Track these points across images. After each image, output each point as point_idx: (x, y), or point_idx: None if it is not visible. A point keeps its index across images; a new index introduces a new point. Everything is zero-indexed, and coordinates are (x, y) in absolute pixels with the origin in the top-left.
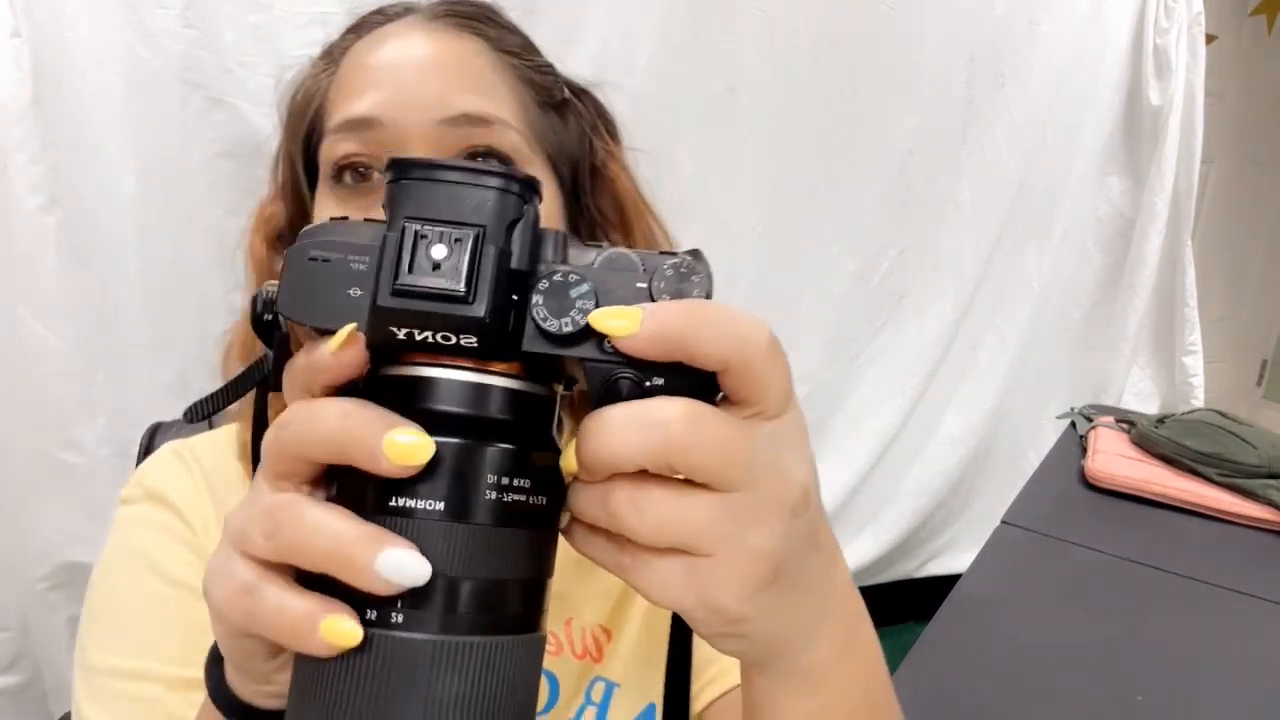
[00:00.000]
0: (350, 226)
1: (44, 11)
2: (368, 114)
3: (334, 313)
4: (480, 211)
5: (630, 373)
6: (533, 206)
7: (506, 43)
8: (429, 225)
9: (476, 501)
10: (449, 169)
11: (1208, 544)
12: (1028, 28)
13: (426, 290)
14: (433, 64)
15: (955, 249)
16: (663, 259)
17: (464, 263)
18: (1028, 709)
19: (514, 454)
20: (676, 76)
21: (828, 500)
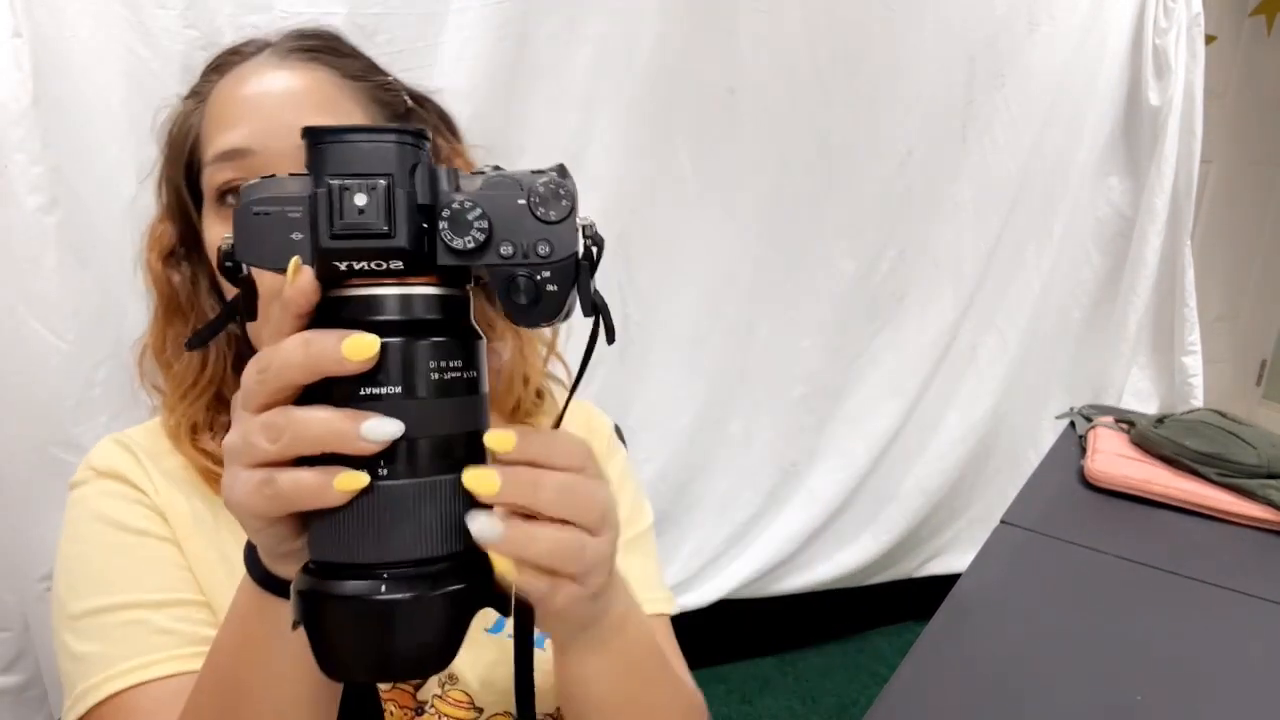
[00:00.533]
0: (279, 182)
1: (44, 11)
2: (240, 145)
3: (281, 254)
4: (387, 162)
5: (525, 270)
6: (425, 152)
7: (351, 69)
8: (349, 179)
9: (423, 381)
10: (356, 131)
11: (1207, 544)
12: (1028, 28)
13: (357, 231)
14: (291, 95)
15: (955, 249)
16: (535, 177)
17: (381, 205)
18: (1027, 708)
19: (446, 343)
20: (676, 76)
21: (828, 500)
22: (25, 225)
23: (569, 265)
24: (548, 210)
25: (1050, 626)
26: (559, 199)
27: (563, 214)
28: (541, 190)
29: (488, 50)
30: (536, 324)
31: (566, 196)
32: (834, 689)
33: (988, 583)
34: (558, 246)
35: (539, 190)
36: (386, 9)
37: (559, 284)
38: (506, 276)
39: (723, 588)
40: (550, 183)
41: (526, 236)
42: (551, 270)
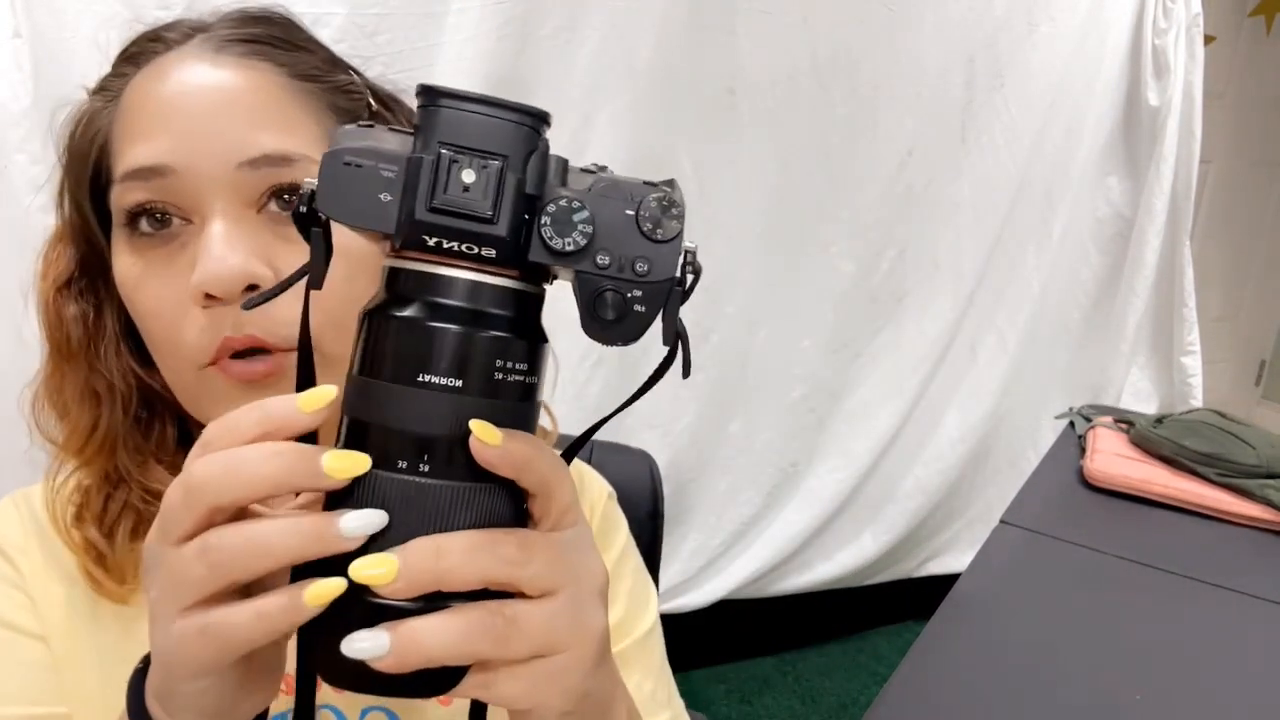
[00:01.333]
0: (377, 133)
1: (44, 11)
2: (157, 162)
3: (366, 214)
4: (504, 142)
5: (614, 285)
6: (544, 138)
7: (303, 66)
8: (460, 152)
9: (483, 378)
10: (478, 101)
11: (1206, 544)
12: (1027, 28)
13: (458, 209)
14: (224, 101)
15: (955, 249)
16: (647, 190)
17: (490, 188)
18: (1027, 708)
19: (514, 341)
20: (676, 76)
21: (828, 500)
22: (25, 225)
23: (663, 288)
24: (655, 228)
25: (1050, 626)
26: (669, 219)
27: (669, 234)
28: (653, 206)
29: (488, 50)
30: (613, 342)
31: (677, 216)
32: (834, 689)
33: (987, 583)
34: (656, 267)
35: (650, 205)
36: (386, 9)
37: (647, 306)
38: (596, 288)
39: (723, 588)
40: (663, 200)
41: (627, 250)
42: (644, 290)
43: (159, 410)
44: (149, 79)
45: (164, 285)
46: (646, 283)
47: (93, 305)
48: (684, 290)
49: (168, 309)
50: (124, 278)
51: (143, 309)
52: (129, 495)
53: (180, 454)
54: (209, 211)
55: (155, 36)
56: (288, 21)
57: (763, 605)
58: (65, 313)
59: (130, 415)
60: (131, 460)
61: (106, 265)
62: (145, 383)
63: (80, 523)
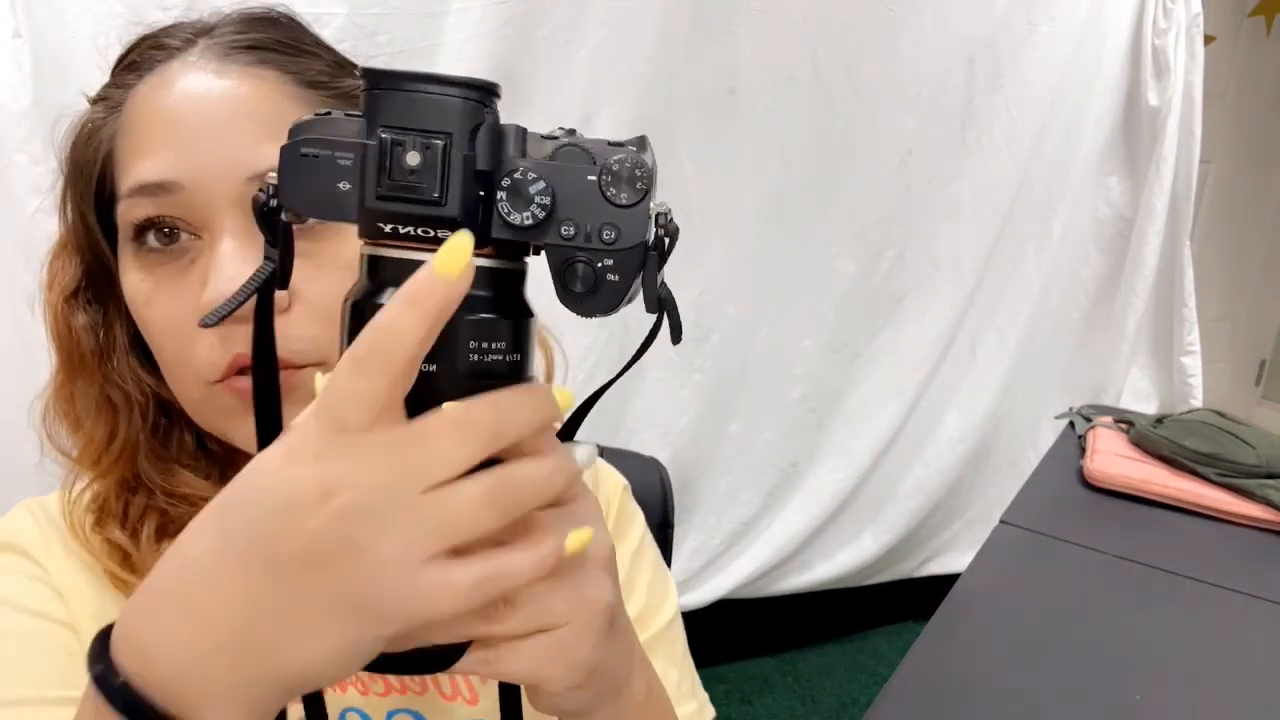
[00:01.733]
0: (332, 122)
1: (44, 11)
2: (165, 178)
3: (327, 204)
4: (447, 119)
5: (585, 255)
6: (492, 110)
7: (310, 72)
8: (403, 133)
9: (461, 361)
10: (417, 79)
11: (1206, 544)
12: (1027, 28)
13: (405, 194)
14: (231, 114)
15: (955, 249)
16: (610, 151)
17: (436, 168)
18: (1027, 708)
19: (488, 321)
20: (676, 76)
21: (828, 500)
22: (26, 226)
23: (635, 254)
24: (619, 191)
25: (1050, 626)
26: (634, 180)
27: (635, 197)
28: (615, 168)
29: (488, 50)
30: (590, 314)
31: (642, 178)
32: (834, 689)
33: (987, 582)
34: (625, 233)
35: (612, 167)
36: (386, 9)
37: (621, 274)
38: (564, 259)
39: (723, 588)
40: (626, 160)
41: (592, 218)
42: (615, 258)
43: (175, 418)
44: (152, 89)
45: (174, 302)
46: (616, 250)
47: (101, 315)
48: (660, 254)
49: (179, 326)
50: (133, 294)
51: (153, 326)
52: (150, 499)
53: (201, 457)
54: (218, 227)
55: (157, 43)
56: (292, 23)
57: (763, 605)
58: (75, 322)
59: (149, 423)
60: (154, 468)
61: (113, 277)
62: (160, 392)
63: (101, 526)
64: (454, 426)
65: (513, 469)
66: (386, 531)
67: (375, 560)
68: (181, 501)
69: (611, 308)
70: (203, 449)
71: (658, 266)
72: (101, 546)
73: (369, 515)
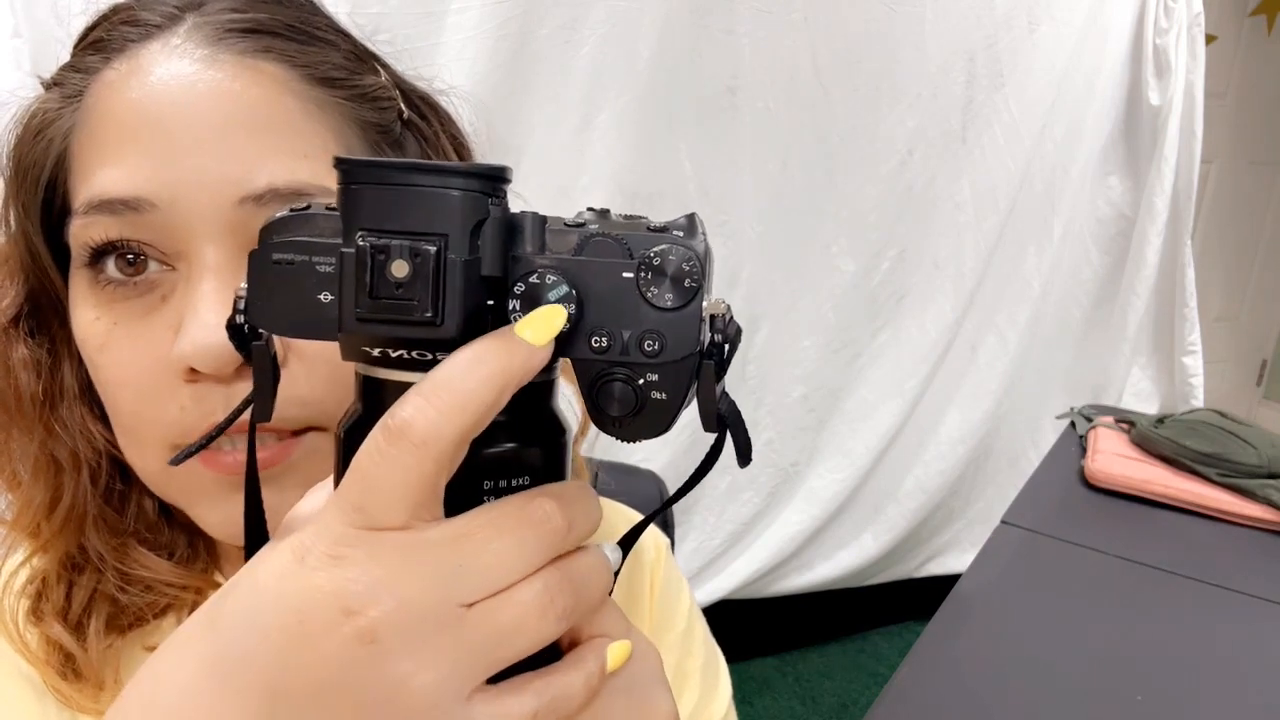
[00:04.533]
0: (310, 220)
1: (44, 11)
2: (133, 194)
3: (306, 321)
4: (441, 218)
5: (623, 372)
6: (501, 201)
7: (323, 66)
8: (386, 238)
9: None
10: (403, 169)
11: (1207, 544)
12: (1028, 28)
13: (392, 313)
14: (221, 113)
15: (955, 249)
16: (650, 240)
17: (428, 280)
18: (1027, 709)
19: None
20: (676, 76)
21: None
22: None
23: (685, 368)
24: (662, 291)
25: (1050, 626)
26: (680, 276)
27: (683, 298)
28: (656, 261)
29: (488, 50)
30: (634, 439)
31: (691, 273)
32: (834, 689)
33: (988, 583)
34: (672, 342)
35: (653, 261)
36: (386, 8)
37: (669, 391)
38: (597, 376)
39: (723, 588)
40: (670, 251)
41: (630, 325)
42: (660, 373)
43: (135, 480)
44: (122, 77)
45: (136, 350)
46: (662, 363)
47: (47, 350)
48: (718, 364)
49: (141, 380)
50: (85, 335)
51: (108, 375)
52: (99, 582)
53: (163, 529)
54: (198, 259)
55: (131, 17)
56: (303, 1)
57: (763, 605)
58: (13, 356)
59: (100, 487)
60: (105, 543)
61: (63, 307)
62: (116, 449)
63: (38, 619)
64: (515, 524)
65: (567, 565)
66: (426, 658)
67: (410, 698)
68: (137, 586)
69: (660, 430)
70: (166, 516)
71: (715, 379)
72: (39, 647)
73: (404, 638)
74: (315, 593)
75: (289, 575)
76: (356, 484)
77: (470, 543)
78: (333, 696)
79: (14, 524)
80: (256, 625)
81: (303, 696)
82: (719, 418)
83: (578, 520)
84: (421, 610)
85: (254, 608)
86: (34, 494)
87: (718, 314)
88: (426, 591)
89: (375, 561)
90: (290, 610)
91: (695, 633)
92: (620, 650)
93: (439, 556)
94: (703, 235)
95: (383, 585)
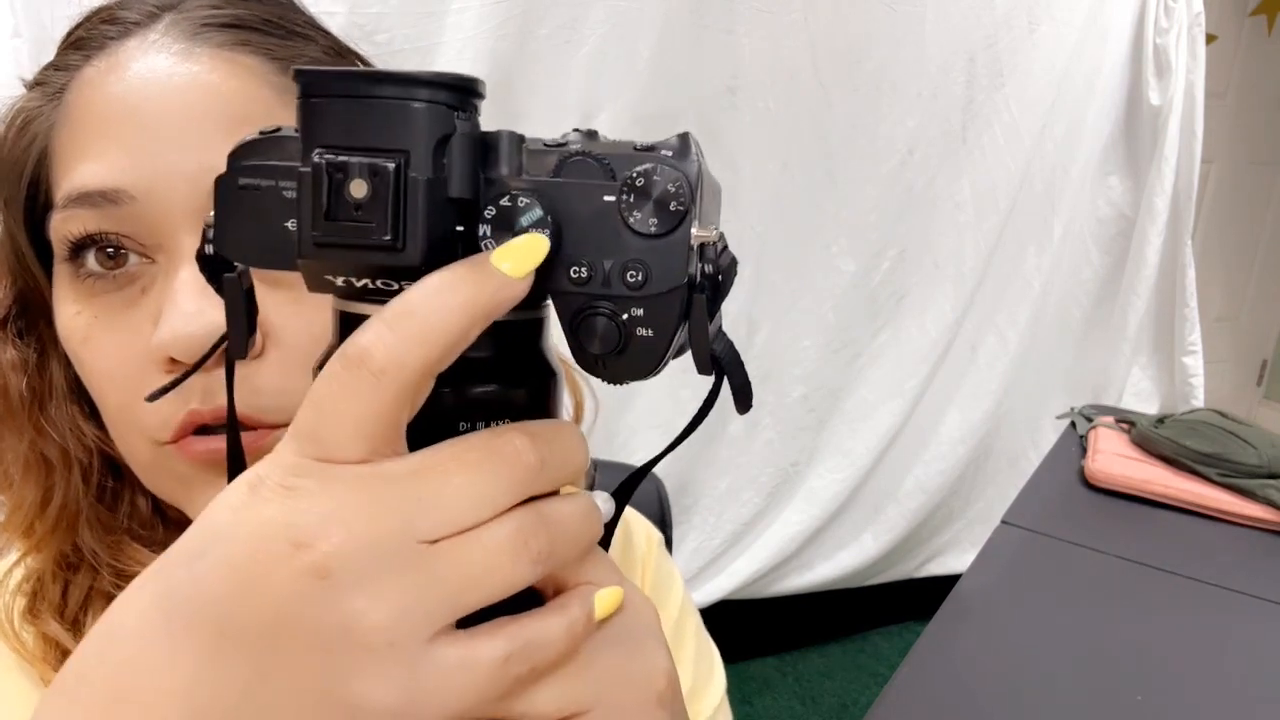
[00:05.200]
0: (280, 143)
1: (44, 11)
2: (110, 185)
3: (272, 250)
4: (401, 132)
5: (606, 306)
6: (470, 116)
7: (301, 60)
8: (344, 154)
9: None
10: (362, 80)
11: (1208, 544)
12: (1028, 28)
13: (350, 241)
14: (198, 107)
15: (955, 249)
16: (636, 159)
17: (387, 201)
18: (1027, 709)
19: (490, 395)
20: (676, 76)
21: (828, 500)
22: None
23: (672, 301)
24: (645, 216)
25: (1050, 626)
26: (665, 199)
27: (669, 223)
28: (640, 183)
29: (488, 50)
30: (619, 380)
31: (678, 195)
32: (834, 689)
33: (988, 583)
34: (656, 273)
35: (635, 183)
36: (386, 8)
37: (656, 327)
38: (577, 310)
39: (723, 588)
40: (655, 171)
41: (611, 253)
42: (645, 307)
43: (127, 477)
44: (101, 74)
45: (117, 342)
46: (646, 296)
47: (36, 351)
48: (711, 298)
49: (121, 371)
50: (68, 330)
51: (91, 369)
52: (95, 580)
53: (158, 526)
54: (176, 249)
55: (110, 16)
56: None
57: (763, 605)
58: (2, 358)
59: (93, 485)
60: (99, 540)
61: (49, 307)
62: (107, 446)
63: (34, 616)
64: (480, 458)
65: (544, 507)
66: (381, 595)
67: (364, 636)
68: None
69: (647, 371)
70: (160, 515)
71: (708, 315)
72: (36, 645)
73: (357, 573)
74: (266, 525)
75: (241, 507)
76: (312, 412)
77: (430, 475)
78: (283, 633)
79: (6, 524)
80: (206, 559)
81: (252, 633)
82: (714, 359)
83: (553, 458)
84: (376, 544)
85: (205, 542)
86: (25, 494)
87: (709, 242)
88: (381, 525)
89: (327, 494)
90: (240, 542)
91: (687, 625)
92: (610, 597)
93: (396, 489)
94: (696, 157)
95: (335, 518)
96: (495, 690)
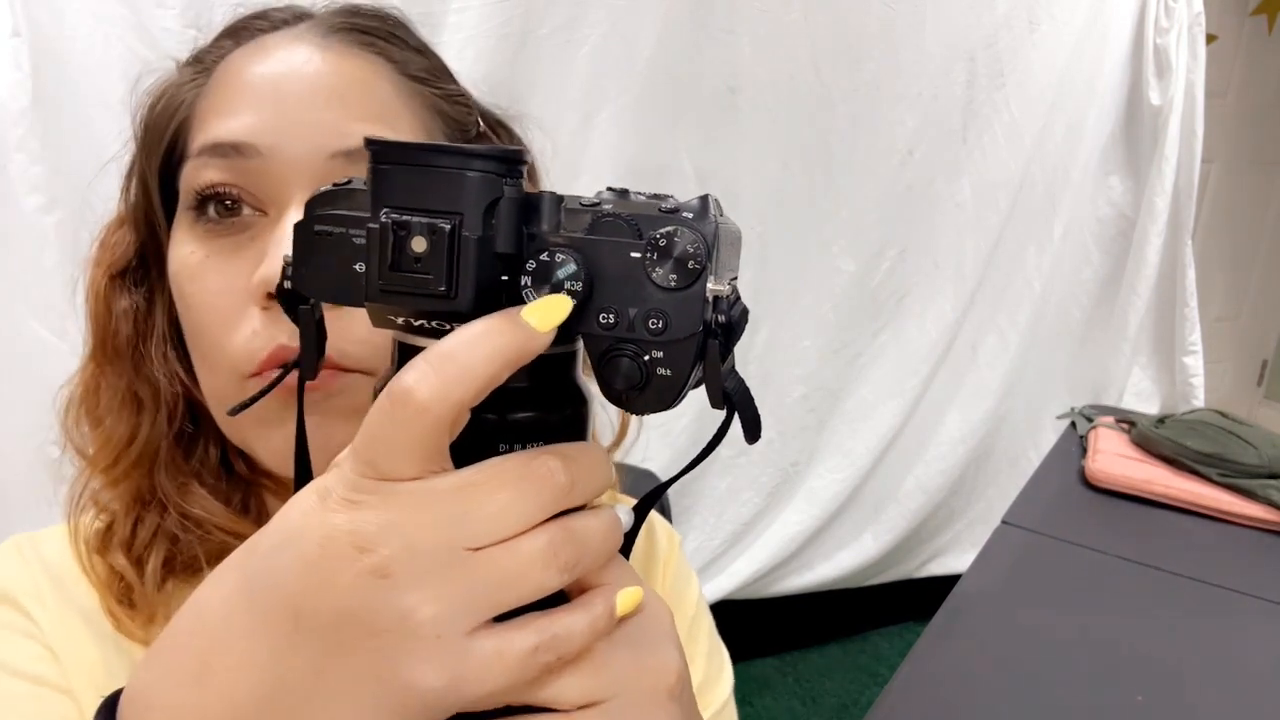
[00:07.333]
0: (351, 195)
1: (44, 11)
2: (241, 139)
3: (342, 289)
4: (457, 197)
5: (630, 348)
6: (516, 182)
7: (414, 66)
8: (408, 214)
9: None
10: (424, 151)
11: (1208, 544)
12: (1028, 28)
13: (410, 290)
14: (326, 84)
15: (955, 249)
16: (660, 221)
17: (443, 256)
18: (1028, 709)
19: (527, 421)
20: (676, 76)
21: (828, 500)
22: (24, 225)
23: (688, 346)
24: (666, 273)
25: (1050, 626)
26: (684, 258)
27: (685, 279)
28: (661, 243)
29: (488, 50)
30: (641, 412)
31: (695, 255)
32: (834, 689)
33: (988, 583)
34: (674, 321)
35: (658, 242)
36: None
37: (673, 368)
38: (604, 350)
39: (723, 588)
40: (676, 232)
41: (636, 303)
42: (665, 350)
43: (204, 427)
44: (248, 54)
45: (223, 278)
46: (666, 341)
47: (145, 298)
48: (723, 343)
49: (222, 304)
50: (180, 265)
51: (194, 301)
52: (162, 520)
53: (224, 479)
54: (288, 201)
55: (261, 14)
56: (402, 21)
57: (763, 605)
58: (116, 306)
59: (174, 428)
60: (171, 481)
61: (163, 255)
62: (192, 393)
63: (105, 549)
64: (518, 478)
65: (573, 522)
66: (431, 593)
67: (416, 628)
68: (194, 526)
69: (666, 405)
70: (226, 469)
71: (720, 357)
72: (103, 576)
73: (412, 574)
74: (334, 530)
75: (312, 513)
76: (368, 439)
77: (474, 492)
78: (348, 623)
79: (93, 460)
80: (284, 554)
81: (323, 620)
82: (725, 395)
83: (582, 477)
84: (428, 550)
85: (283, 539)
86: (115, 430)
87: (723, 295)
88: (433, 533)
89: (387, 506)
90: (313, 543)
91: (702, 622)
92: (631, 595)
93: (444, 503)
94: (714, 217)
95: (393, 527)
96: (525, 676)
